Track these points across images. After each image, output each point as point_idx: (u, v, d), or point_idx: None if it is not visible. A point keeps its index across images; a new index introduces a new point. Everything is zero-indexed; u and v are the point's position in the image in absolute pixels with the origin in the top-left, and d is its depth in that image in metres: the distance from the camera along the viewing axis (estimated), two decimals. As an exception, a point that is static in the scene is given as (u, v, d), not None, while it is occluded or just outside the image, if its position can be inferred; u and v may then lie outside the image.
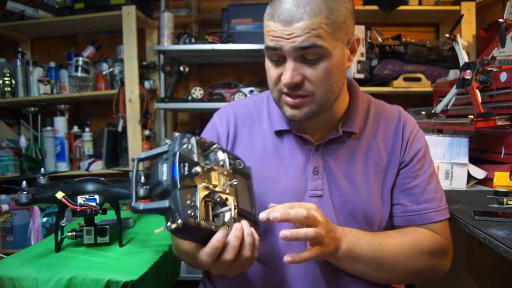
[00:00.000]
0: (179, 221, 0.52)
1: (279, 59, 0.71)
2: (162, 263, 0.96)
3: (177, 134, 0.65)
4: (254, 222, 0.66)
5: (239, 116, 0.88)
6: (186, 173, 0.56)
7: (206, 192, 0.58)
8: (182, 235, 0.57)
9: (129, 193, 0.95)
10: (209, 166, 0.62)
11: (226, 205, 0.61)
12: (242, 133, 0.86)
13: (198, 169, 0.58)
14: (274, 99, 0.77)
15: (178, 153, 0.57)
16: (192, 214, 0.54)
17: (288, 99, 0.73)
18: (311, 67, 0.70)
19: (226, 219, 0.61)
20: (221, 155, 0.68)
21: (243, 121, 0.87)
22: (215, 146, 0.69)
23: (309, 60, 0.69)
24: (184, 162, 0.57)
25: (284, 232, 0.62)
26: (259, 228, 0.66)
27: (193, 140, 0.65)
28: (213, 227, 0.57)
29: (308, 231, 0.63)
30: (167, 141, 0.64)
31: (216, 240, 0.58)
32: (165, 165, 0.58)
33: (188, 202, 0.54)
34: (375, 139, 0.82)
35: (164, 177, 0.56)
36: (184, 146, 0.61)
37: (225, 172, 0.65)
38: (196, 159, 0.62)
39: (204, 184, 0.59)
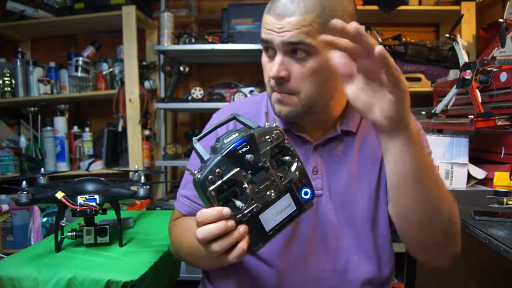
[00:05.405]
0: (200, 176, 0.56)
1: (272, 53, 0.72)
2: (162, 263, 0.95)
3: (276, 125, 0.63)
4: (260, 240, 0.60)
5: None
6: (241, 151, 0.58)
7: (237, 177, 0.57)
8: (195, 188, 0.59)
9: (129, 193, 0.96)
10: (266, 165, 0.59)
11: (245, 202, 0.58)
12: None
13: (249, 157, 0.58)
14: (268, 95, 0.77)
15: (252, 135, 0.59)
16: (212, 180, 0.56)
17: (275, 94, 0.73)
18: (299, 63, 0.70)
19: (237, 212, 0.58)
20: (293, 170, 0.62)
21: None
22: (296, 160, 0.63)
23: (298, 57, 0.70)
24: (250, 145, 0.59)
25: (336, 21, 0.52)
26: (257, 247, 0.59)
27: (278, 138, 0.62)
28: (216, 202, 0.57)
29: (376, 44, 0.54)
30: (267, 124, 0.63)
31: (202, 212, 0.56)
32: (237, 134, 0.60)
33: (218, 170, 0.56)
34: (371, 134, 0.82)
35: (226, 140, 0.59)
36: (267, 137, 0.61)
37: (275, 184, 0.60)
38: (262, 151, 0.60)
39: (243, 172, 0.58)
